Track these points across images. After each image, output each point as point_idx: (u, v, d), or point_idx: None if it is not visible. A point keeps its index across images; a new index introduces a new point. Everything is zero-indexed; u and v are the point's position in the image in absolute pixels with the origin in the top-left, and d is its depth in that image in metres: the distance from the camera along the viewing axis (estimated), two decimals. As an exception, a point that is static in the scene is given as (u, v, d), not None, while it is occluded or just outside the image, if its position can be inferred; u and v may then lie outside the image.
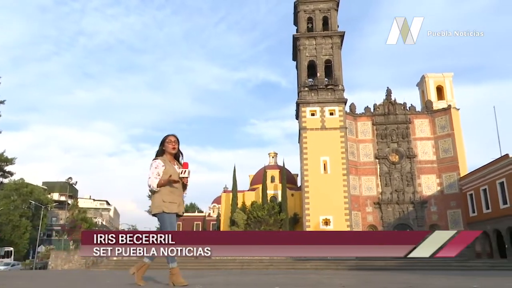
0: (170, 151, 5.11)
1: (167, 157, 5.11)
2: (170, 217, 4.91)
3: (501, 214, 36.63)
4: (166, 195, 4.88)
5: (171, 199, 4.89)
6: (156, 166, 4.96)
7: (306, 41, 48.90)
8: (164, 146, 5.14)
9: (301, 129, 45.92)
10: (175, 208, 4.94)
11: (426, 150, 46.72)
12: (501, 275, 10.91)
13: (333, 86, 46.73)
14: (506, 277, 9.80)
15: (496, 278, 9.13)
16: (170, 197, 4.90)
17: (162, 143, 5.17)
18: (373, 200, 45.59)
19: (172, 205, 4.90)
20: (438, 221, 44.38)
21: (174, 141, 5.13)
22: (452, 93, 51.21)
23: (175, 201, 4.93)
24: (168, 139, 5.14)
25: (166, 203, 4.87)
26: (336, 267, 19.53)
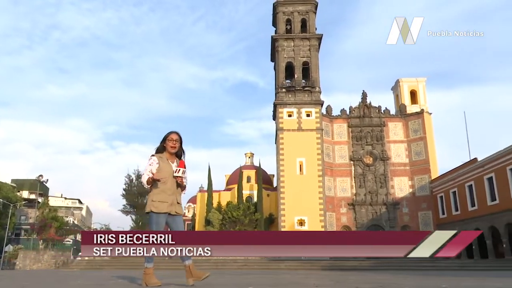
0: (169, 150, 5.02)
1: (166, 155, 5.02)
2: (158, 217, 4.81)
3: (469, 216, 37.81)
4: (156, 194, 4.83)
5: (160, 198, 4.81)
6: (150, 163, 4.90)
7: (284, 42, 49.17)
8: (165, 144, 5.04)
9: (278, 130, 46.14)
10: (165, 207, 4.83)
11: (399, 152, 47.75)
12: (469, 275, 11.24)
13: (310, 88, 47.16)
14: (473, 277, 10.10)
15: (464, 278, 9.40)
16: (160, 196, 4.82)
17: (164, 140, 5.07)
18: (347, 201, 46.24)
19: (162, 204, 4.81)
20: (410, 222, 45.41)
21: (176, 140, 5.03)
22: (425, 98, 52.53)
23: (165, 200, 4.83)
24: (169, 137, 5.04)
25: (155, 202, 4.81)
26: (310, 267, 19.70)
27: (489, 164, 34.82)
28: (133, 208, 52.29)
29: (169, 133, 5.07)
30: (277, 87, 48.07)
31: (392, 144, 47.91)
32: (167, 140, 5.01)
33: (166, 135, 5.06)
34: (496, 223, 33.92)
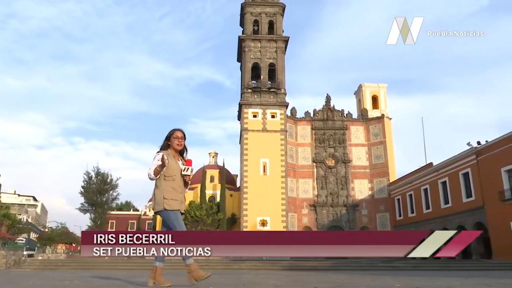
0: (175, 147, 4.95)
1: (171, 152, 4.95)
2: (175, 214, 4.74)
3: (423, 218, 39.40)
4: (168, 192, 4.74)
5: (172, 196, 4.75)
6: (158, 159, 4.80)
7: (251, 43, 49.33)
8: (169, 141, 4.97)
9: (243, 130, 46.23)
10: (177, 205, 4.78)
11: (360, 156, 49.05)
12: (421, 275, 11.73)
13: (275, 89, 47.57)
14: (425, 276, 10.55)
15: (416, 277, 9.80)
16: (172, 194, 4.76)
17: (168, 137, 4.99)
18: (309, 202, 46.98)
19: (174, 202, 4.75)
20: (368, 224, 46.74)
21: (181, 137, 4.98)
22: (385, 103, 54.25)
23: (177, 198, 4.78)
24: (174, 134, 4.97)
25: (168, 200, 4.72)
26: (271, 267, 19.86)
27: (443, 169, 36.42)
28: (91, 207, 50.67)
29: (173, 130, 5.01)
30: (243, 88, 48.16)
31: (353, 147, 49.14)
32: (172, 138, 4.95)
33: (170, 133, 5.00)
34: (448, 225, 35.51)
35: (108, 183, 50.66)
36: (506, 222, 28.59)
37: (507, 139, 28.70)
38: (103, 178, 50.48)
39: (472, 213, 32.39)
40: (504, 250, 28.76)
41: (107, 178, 50.48)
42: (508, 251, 28.25)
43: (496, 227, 29.72)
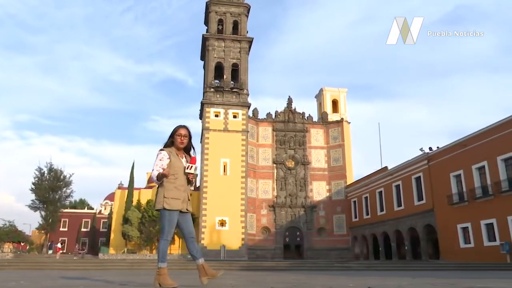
0: (178, 145, 4.83)
1: (174, 149, 4.82)
2: (170, 214, 4.64)
3: (378, 219, 40.75)
4: (170, 190, 4.63)
5: (173, 195, 4.64)
6: (161, 158, 4.68)
7: (215, 42, 49.11)
8: (173, 138, 4.85)
9: (204, 129, 45.91)
10: (178, 204, 4.68)
11: (319, 158, 50.03)
12: (374, 275, 12.11)
13: (238, 89, 47.61)
14: (377, 276, 10.91)
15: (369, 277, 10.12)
16: (174, 193, 4.64)
17: (172, 135, 4.87)
18: (268, 203, 47.35)
19: (175, 201, 4.65)
20: (325, 225, 47.74)
21: (184, 135, 4.84)
22: (345, 107, 55.72)
23: (178, 197, 4.68)
24: (178, 131, 4.84)
25: (168, 199, 4.62)
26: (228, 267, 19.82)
27: (398, 172, 37.84)
28: (43, 204, 48.58)
29: (177, 127, 4.90)
30: (206, 87, 47.84)
31: (313, 149, 50.04)
32: (175, 135, 4.84)
33: (174, 130, 4.88)
34: (400, 227, 36.94)
35: (61, 180, 48.82)
36: (453, 225, 30.11)
37: (456, 146, 30.23)
38: (56, 174, 48.60)
39: (422, 215, 33.84)
40: (451, 251, 30.28)
41: (60, 175, 48.63)
42: (454, 252, 29.78)
43: (444, 229, 31.24)
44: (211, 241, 41.94)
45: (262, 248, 45.16)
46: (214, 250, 40.88)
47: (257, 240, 45.80)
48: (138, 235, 43.83)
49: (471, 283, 7.03)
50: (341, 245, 46.67)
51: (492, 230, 26.81)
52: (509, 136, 25.59)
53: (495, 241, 26.31)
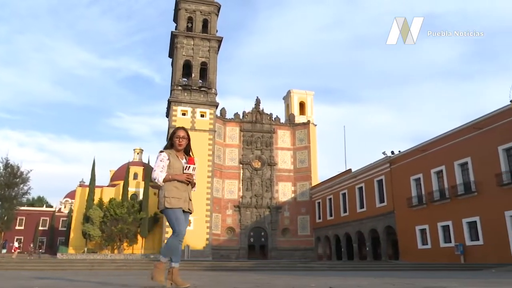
0: (177, 147, 4.95)
1: (173, 151, 4.93)
2: (175, 212, 4.69)
3: (341, 221, 41.55)
4: (170, 190, 4.72)
5: (174, 195, 4.71)
6: (161, 159, 4.79)
7: (184, 40, 48.58)
8: (172, 141, 4.98)
9: (171, 127, 45.29)
10: (179, 203, 4.73)
11: (286, 159, 50.48)
12: (336, 275, 12.34)
13: (206, 88, 47.30)
14: (339, 276, 11.13)
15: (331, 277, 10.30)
16: (173, 192, 4.72)
17: (171, 137, 5.01)
18: (233, 203, 47.30)
19: (175, 200, 4.71)
20: (290, 226, 48.20)
21: (182, 137, 4.97)
22: (312, 110, 56.55)
23: (179, 196, 4.75)
24: (176, 134, 4.98)
25: (169, 198, 4.69)
26: (192, 267, 19.66)
27: (361, 175, 38.74)
28: (-3, 201, 46.35)
29: (175, 129, 5.05)
30: (173, 84, 47.24)
31: (279, 150, 50.42)
32: (174, 138, 4.97)
33: (172, 132, 5.02)
34: (362, 229, 37.83)
35: (18, 176, 46.76)
36: (412, 226, 31.15)
37: (416, 151, 31.31)
38: (13, 170, 46.51)
39: (383, 217, 34.81)
40: (410, 252, 31.32)
41: (17, 171, 46.58)
42: (412, 253, 30.81)
43: (403, 230, 32.26)
44: (175, 241, 41.40)
45: (226, 248, 45.05)
46: (177, 250, 40.37)
47: (221, 240, 45.65)
48: (99, 235, 42.68)
49: (428, 282, 7.30)
50: (305, 245, 47.27)
51: (448, 232, 27.94)
52: (464, 143, 26.77)
53: (450, 243, 27.42)
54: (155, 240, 45.01)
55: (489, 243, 24.45)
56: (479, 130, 25.67)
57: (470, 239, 26.02)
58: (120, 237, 43.30)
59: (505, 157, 23.99)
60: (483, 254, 24.47)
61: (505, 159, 23.96)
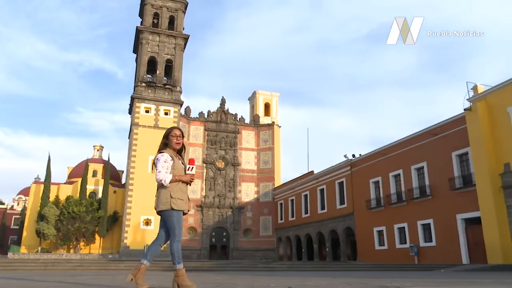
0: (174, 146, 4.87)
1: (171, 152, 4.85)
2: (178, 214, 4.69)
3: (302, 222, 42.15)
4: (176, 191, 4.67)
5: (179, 196, 4.68)
6: (165, 160, 4.69)
7: (149, 36, 47.73)
8: (168, 140, 4.88)
9: (133, 124, 44.36)
10: (183, 205, 4.72)
11: (249, 160, 50.63)
12: (296, 275, 12.52)
13: (171, 86, 46.67)
14: (298, 276, 11.30)
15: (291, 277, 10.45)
16: (179, 194, 4.69)
17: (166, 136, 4.90)
18: (196, 203, 46.92)
19: (181, 202, 4.69)
20: (252, 226, 48.39)
21: (179, 136, 4.90)
22: (277, 111, 57.04)
23: (183, 198, 4.73)
24: (173, 132, 4.88)
25: (175, 199, 4.64)
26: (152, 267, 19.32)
27: (323, 177, 39.46)
28: None
29: (171, 129, 4.97)
30: (137, 81, 46.29)
31: (243, 151, 50.52)
32: (171, 136, 4.87)
33: (168, 131, 4.94)
34: (322, 229, 38.54)
35: (-33, 171, 44.31)
36: (370, 228, 32.08)
37: (375, 155, 32.29)
38: (-38, 165, 44.01)
39: (343, 218, 35.62)
40: (367, 252, 32.23)
41: (-34, 166, 44.11)
42: (370, 254, 31.72)
43: (362, 232, 33.16)
44: (134, 241, 40.57)
45: (187, 248, 44.61)
46: (137, 249, 39.59)
47: (183, 240, 44.81)
48: (54, 234, 41.10)
49: (383, 282, 7.55)
50: (267, 246, 47.60)
51: (403, 233, 28.98)
52: (421, 148, 27.88)
53: (405, 244, 28.45)
54: (113, 239, 43.88)
55: (441, 244, 25.57)
56: (434, 136, 26.81)
57: (424, 240, 27.12)
58: (76, 236, 41.90)
59: (457, 163, 25.18)
60: (435, 255, 25.55)
61: (457, 164, 25.15)
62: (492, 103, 22.71)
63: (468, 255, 23.73)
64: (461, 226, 24.36)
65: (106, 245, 43.65)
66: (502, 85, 22.20)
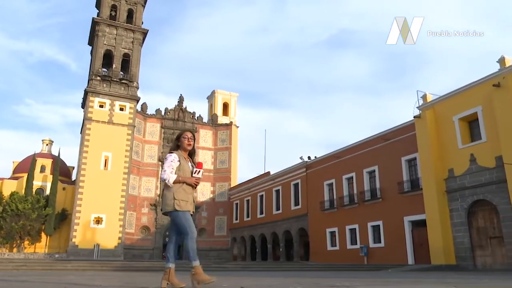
0: (185, 147, 5.02)
1: (182, 153, 4.99)
2: (185, 214, 4.77)
3: (257, 222, 42.43)
4: (179, 193, 4.77)
5: (183, 197, 4.77)
6: (172, 160, 4.85)
7: (106, 28, 46.23)
8: (179, 142, 5.06)
9: (86, 119, 42.76)
10: (187, 206, 4.80)
11: (206, 159, 50.28)
12: (248, 275, 12.58)
13: (128, 81, 45.45)
14: (251, 276, 11.36)
15: (244, 277, 10.48)
16: (182, 195, 4.78)
17: (178, 137, 5.11)
18: (150, 202, 45.99)
19: (184, 203, 4.77)
20: (207, 226, 48.09)
21: (190, 138, 5.07)
22: (235, 112, 57.08)
23: (187, 199, 4.81)
24: (184, 134, 5.08)
25: (178, 200, 4.73)
26: (100, 268, 18.74)
27: (278, 178, 39.94)
28: None
29: (183, 131, 5.17)
30: (92, 74, 44.67)
31: (201, 150, 50.09)
32: (182, 138, 5.05)
33: (180, 133, 5.14)
34: (277, 230, 38.99)
35: None
36: (323, 229, 32.83)
37: (330, 157, 33.11)
38: None
39: (297, 219, 36.21)
40: (320, 253, 32.97)
41: None
42: (322, 254, 32.47)
43: (315, 233, 33.87)
44: (84, 239, 39.10)
45: (140, 248, 43.65)
46: (86, 249, 38.27)
47: (135, 239, 44.10)
48: (-5, 231, 38.80)
49: (333, 282, 7.75)
50: (221, 246, 47.48)
51: (354, 234, 29.90)
52: (373, 152, 28.92)
53: (356, 245, 29.38)
54: (61, 238, 42.05)
55: (389, 245, 26.64)
56: (386, 141, 27.89)
57: (374, 241, 28.13)
58: (21, 235, 39.75)
59: (406, 167, 26.35)
60: (383, 256, 26.57)
61: (406, 169, 26.32)
62: (439, 112, 23.95)
63: (413, 256, 24.87)
64: (408, 228, 25.50)
65: (53, 244, 41.76)
66: (448, 95, 23.47)
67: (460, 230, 21.70)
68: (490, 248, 20.62)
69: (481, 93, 21.36)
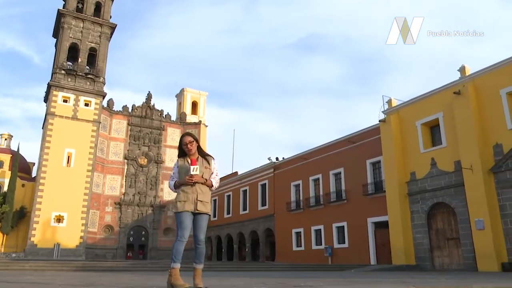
0: (187, 153, 5.10)
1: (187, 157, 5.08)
2: (180, 216, 4.82)
3: (224, 222, 42.35)
4: (179, 194, 4.91)
5: (180, 198, 4.86)
6: (173, 168, 5.21)
7: (72, 21, 44.84)
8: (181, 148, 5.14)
9: (49, 114, 41.28)
10: (187, 206, 4.81)
11: (174, 158, 49.61)
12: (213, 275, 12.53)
13: (94, 76, 44.24)
14: (216, 276, 11.33)
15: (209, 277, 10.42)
16: (181, 196, 4.87)
17: (180, 146, 5.16)
18: (114, 200, 44.95)
19: (181, 204, 4.83)
20: (172, 225, 47.44)
21: (189, 142, 5.08)
22: (204, 111, 56.75)
23: (185, 199, 4.84)
24: (182, 141, 5.10)
25: (176, 203, 4.90)
26: (60, 268, 18.17)
27: (246, 178, 40.02)
28: None
29: (181, 137, 5.19)
30: (56, 67, 43.19)
31: (168, 148, 49.44)
32: (182, 145, 5.11)
33: (179, 141, 5.16)
34: (243, 230, 39.05)
35: None
36: (289, 229, 33.17)
37: (298, 159, 33.51)
38: None
39: (264, 219, 36.41)
40: (285, 253, 33.28)
41: None
42: (288, 254, 32.79)
43: (281, 233, 34.17)
44: (43, 238, 37.71)
45: (103, 247, 42.57)
46: (46, 248, 36.92)
47: (98, 238, 42.96)
48: None
49: (297, 282, 7.85)
50: (187, 246, 46.84)
51: (320, 235, 30.38)
52: (339, 154, 29.50)
53: (321, 245, 29.86)
54: (19, 237, 40.41)
55: (353, 246, 27.25)
56: (352, 144, 28.51)
57: (338, 242, 28.69)
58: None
59: (371, 170, 27.04)
60: (347, 256, 27.15)
61: (371, 171, 27.01)
62: (403, 117, 24.73)
63: (375, 256, 25.55)
64: (371, 229, 26.17)
65: (10, 243, 40.06)
66: (412, 101, 24.29)
67: (420, 232, 22.49)
68: (448, 249, 21.49)
69: (443, 100, 22.23)
